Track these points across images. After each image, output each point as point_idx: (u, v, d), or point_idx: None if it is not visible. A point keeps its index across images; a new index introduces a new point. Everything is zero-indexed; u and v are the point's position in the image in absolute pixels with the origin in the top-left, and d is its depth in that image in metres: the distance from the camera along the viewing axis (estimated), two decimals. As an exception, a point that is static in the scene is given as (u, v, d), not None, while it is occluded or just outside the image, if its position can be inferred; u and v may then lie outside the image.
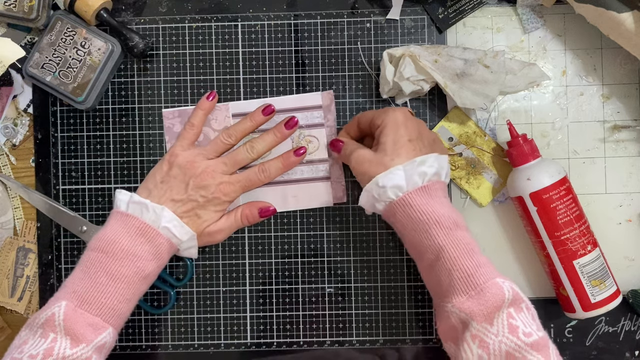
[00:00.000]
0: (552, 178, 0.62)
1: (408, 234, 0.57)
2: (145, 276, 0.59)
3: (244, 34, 0.68)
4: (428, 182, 0.57)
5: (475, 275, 0.52)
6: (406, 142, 0.58)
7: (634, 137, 0.67)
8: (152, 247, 0.59)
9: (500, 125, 0.67)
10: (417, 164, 0.57)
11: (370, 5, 0.68)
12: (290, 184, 0.67)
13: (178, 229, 0.61)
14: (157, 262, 0.60)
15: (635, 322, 0.67)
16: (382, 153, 0.58)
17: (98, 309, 0.56)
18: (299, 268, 0.68)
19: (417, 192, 0.56)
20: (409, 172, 0.56)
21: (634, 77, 0.67)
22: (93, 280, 0.56)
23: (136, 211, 0.60)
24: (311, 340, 0.68)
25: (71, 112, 0.69)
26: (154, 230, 0.59)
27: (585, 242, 0.62)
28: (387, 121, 0.59)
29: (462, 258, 0.53)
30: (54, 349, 0.52)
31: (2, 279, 0.69)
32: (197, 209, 0.62)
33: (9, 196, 0.69)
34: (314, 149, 0.66)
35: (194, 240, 0.63)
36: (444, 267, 0.54)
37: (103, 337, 0.55)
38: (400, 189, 0.56)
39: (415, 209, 0.56)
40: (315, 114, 0.66)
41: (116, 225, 0.59)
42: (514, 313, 0.50)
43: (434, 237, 0.55)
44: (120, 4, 0.68)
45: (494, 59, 0.64)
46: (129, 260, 0.58)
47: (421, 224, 0.55)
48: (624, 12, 0.59)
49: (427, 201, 0.56)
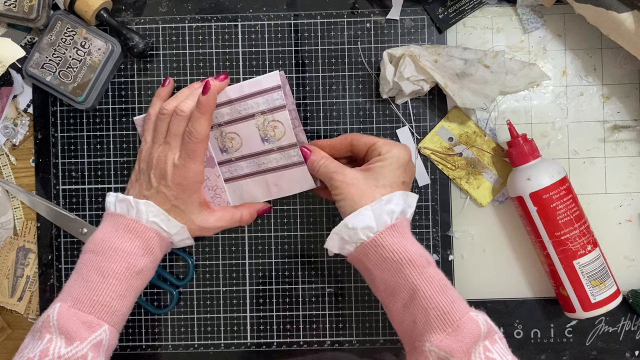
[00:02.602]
0: (552, 178, 0.62)
1: (381, 274, 0.56)
2: (138, 271, 0.58)
3: (244, 34, 0.68)
4: (396, 220, 0.56)
5: (451, 312, 0.52)
6: (400, 184, 0.58)
7: (634, 137, 0.67)
8: (142, 242, 0.59)
9: (500, 125, 0.67)
10: (385, 202, 0.56)
11: (370, 5, 0.68)
12: (270, 173, 0.65)
13: (165, 223, 0.60)
14: (150, 257, 0.60)
15: (635, 322, 0.67)
16: (373, 181, 0.58)
17: (91, 306, 0.56)
18: (299, 268, 0.68)
19: (388, 232, 0.56)
20: (377, 212, 0.56)
21: (634, 77, 0.67)
22: (85, 280, 0.57)
23: (123, 209, 0.60)
24: (311, 340, 0.68)
25: (71, 112, 0.69)
26: (141, 226, 0.59)
27: (585, 242, 0.62)
28: (393, 155, 0.58)
29: (437, 295, 0.53)
30: (49, 349, 0.53)
31: (2, 279, 0.69)
32: (172, 201, 0.61)
33: (9, 196, 0.69)
34: (281, 135, 0.64)
35: (185, 232, 0.62)
36: (420, 305, 0.54)
37: (98, 335, 0.55)
38: (370, 229, 0.56)
39: (387, 248, 0.55)
40: (275, 96, 0.62)
41: (106, 226, 0.60)
42: (489, 345, 0.51)
43: (407, 277, 0.54)
44: (120, 4, 0.68)
45: (494, 59, 0.64)
46: (119, 257, 0.58)
47: (394, 264, 0.55)
48: (624, 12, 0.59)
49: (399, 240, 0.56)
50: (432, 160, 0.67)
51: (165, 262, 0.69)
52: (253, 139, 0.64)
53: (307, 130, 0.68)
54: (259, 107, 0.63)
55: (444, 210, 0.67)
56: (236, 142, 0.65)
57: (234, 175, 0.66)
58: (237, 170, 0.66)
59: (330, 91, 0.68)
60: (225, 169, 0.66)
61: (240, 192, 0.66)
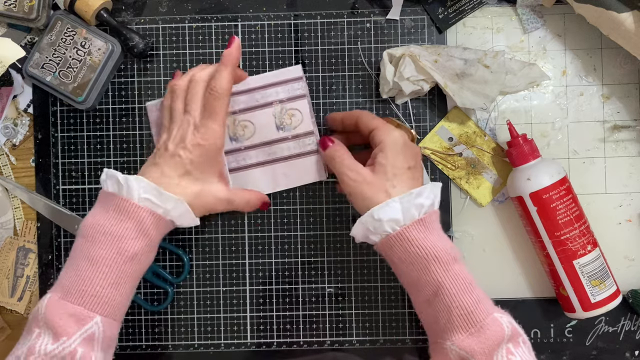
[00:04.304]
0: (552, 178, 0.62)
1: (405, 268, 0.55)
2: (131, 256, 0.54)
3: (244, 34, 0.68)
4: (424, 214, 0.55)
5: (475, 312, 0.52)
6: (406, 170, 0.57)
7: (634, 137, 0.67)
8: (134, 224, 0.54)
9: (500, 125, 0.67)
10: (414, 196, 0.55)
11: (370, 5, 0.68)
12: (279, 162, 0.65)
13: (158, 197, 0.55)
14: (145, 239, 0.55)
15: (635, 322, 0.67)
16: (383, 176, 0.57)
17: (80, 297, 0.52)
18: (299, 268, 0.68)
19: (415, 226, 0.55)
20: (406, 205, 0.55)
21: (634, 77, 0.67)
22: (75, 268, 0.54)
23: (114, 187, 0.56)
24: (311, 340, 0.68)
25: (71, 112, 0.69)
26: (132, 205, 0.55)
27: (585, 242, 0.62)
28: (387, 142, 0.58)
29: (461, 294, 0.52)
30: (35, 346, 0.50)
31: (2, 279, 0.69)
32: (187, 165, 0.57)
33: (9, 196, 0.69)
34: (298, 122, 0.65)
35: (183, 206, 0.57)
36: (443, 303, 0.53)
37: (89, 328, 0.52)
38: (397, 222, 0.55)
39: (413, 243, 0.54)
40: (296, 86, 0.64)
41: (97, 207, 0.56)
42: (513, 349, 0.50)
43: (432, 273, 0.53)
44: (120, 4, 0.68)
45: (494, 59, 0.64)
46: (109, 242, 0.54)
47: (419, 259, 0.54)
48: (624, 12, 0.59)
49: (425, 235, 0.54)
50: (432, 160, 0.67)
51: (161, 259, 0.69)
52: (268, 127, 0.65)
53: (307, 130, 0.68)
54: (278, 95, 0.64)
55: (443, 211, 0.67)
56: (249, 130, 0.65)
57: (240, 165, 0.66)
58: (245, 160, 0.65)
59: (330, 91, 0.68)
60: (232, 157, 0.65)
61: (245, 182, 0.66)
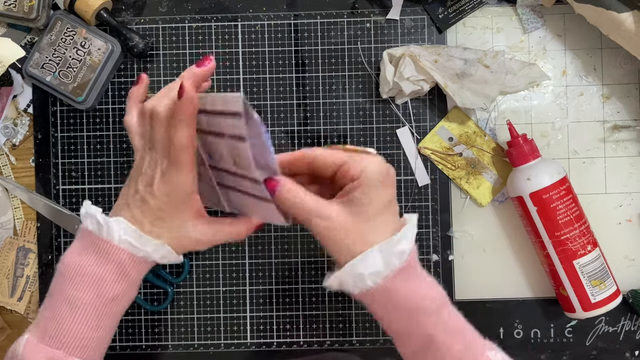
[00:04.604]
0: (552, 178, 0.62)
1: (389, 319, 0.50)
2: (112, 298, 0.51)
3: (244, 34, 0.68)
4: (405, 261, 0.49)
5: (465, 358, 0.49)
6: (387, 204, 0.50)
7: (634, 137, 0.67)
8: (114, 267, 0.51)
9: (500, 125, 0.67)
10: (395, 242, 0.49)
11: (370, 5, 0.68)
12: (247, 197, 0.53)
13: (138, 240, 0.52)
14: (126, 281, 0.52)
15: (635, 322, 0.67)
16: (362, 218, 0.49)
17: (58, 341, 0.50)
18: (299, 268, 0.68)
19: (398, 276, 0.48)
20: (386, 253, 0.48)
21: (634, 77, 0.67)
22: (53, 309, 0.51)
23: (93, 226, 0.52)
24: (311, 340, 0.68)
25: (71, 112, 0.69)
26: (112, 247, 0.51)
27: (585, 242, 0.62)
28: (367, 174, 0.49)
29: (453, 343, 0.49)
30: None
31: (2, 279, 0.69)
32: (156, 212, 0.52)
33: (9, 196, 0.69)
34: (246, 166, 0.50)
35: (165, 248, 0.53)
36: (434, 357, 0.49)
37: None
38: (378, 275, 0.48)
39: (399, 294, 0.49)
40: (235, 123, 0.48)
41: (76, 244, 0.53)
42: None
43: (422, 326, 0.49)
44: (120, 4, 0.68)
45: (494, 59, 0.64)
46: (89, 284, 0.51)
47: (406, 311, 0.49)
48: (624, 12, 0.59)
49: (409, 284, 0.49)
50: (432, 160, 0.67)
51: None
52: (226, 159, 0.52)
53: (307, 130, 0.68)
54: (222, 129, 0.50)
55: (444, 210, 0.67)
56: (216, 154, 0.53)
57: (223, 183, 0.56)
58: (223, 180, 0.55)
59: (330, 91, 0.68)
60: (215, 173, 0.56)
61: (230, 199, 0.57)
